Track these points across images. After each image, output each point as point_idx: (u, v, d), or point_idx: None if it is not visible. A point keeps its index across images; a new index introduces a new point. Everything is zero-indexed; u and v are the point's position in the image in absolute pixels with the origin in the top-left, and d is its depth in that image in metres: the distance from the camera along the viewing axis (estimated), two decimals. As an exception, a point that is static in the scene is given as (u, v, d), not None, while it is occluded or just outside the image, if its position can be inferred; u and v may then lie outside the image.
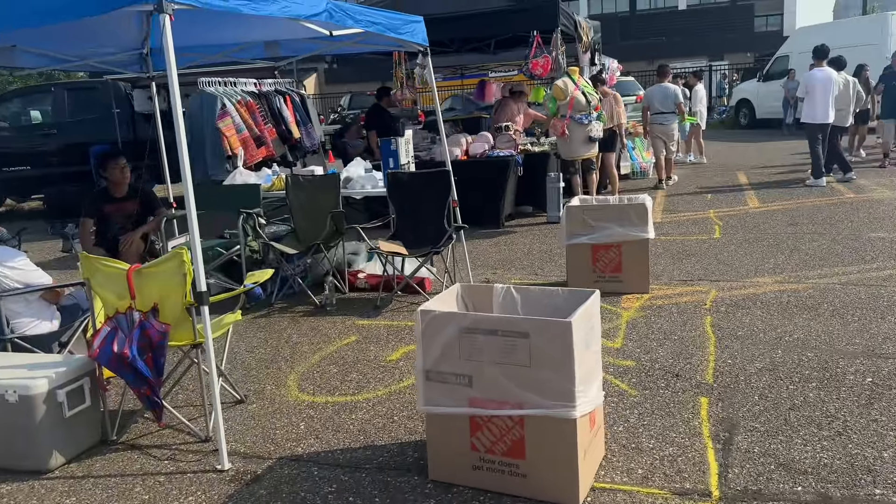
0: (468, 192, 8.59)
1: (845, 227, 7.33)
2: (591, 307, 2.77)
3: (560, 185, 8.57)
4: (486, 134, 9.12)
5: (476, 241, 7.86)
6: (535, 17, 8.27)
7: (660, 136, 10.66)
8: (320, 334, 4.91)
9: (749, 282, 5.57)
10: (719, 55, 41.29)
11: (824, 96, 9.74)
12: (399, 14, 5.00)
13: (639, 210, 5.35)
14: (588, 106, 7.99)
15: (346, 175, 6.12)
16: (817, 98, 9.77)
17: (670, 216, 8.58)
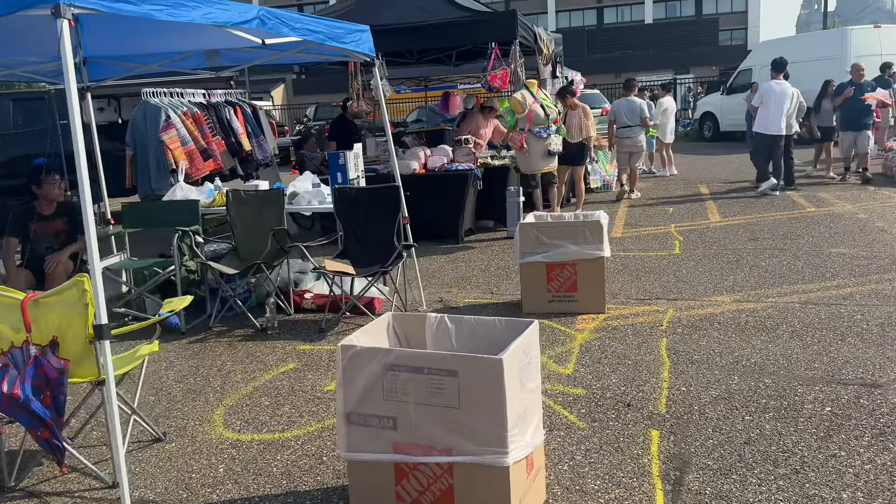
0: (426, 207, 8.39)
1: (806, 242, 7.24)
2: (527, 340, 2.54)
3: (520, 200, 8.38)
4: (444, 147, 8.91)
5: (434, 257, 7.63)
6: (493, 28, 8.09)
7: (626, 149, 10.71)
8: (257, 361, 4.61)
9: (707, 301, 5.40)
10: (685, 68, 41.84)
11: (778, 108, 10.01)
12: (342, 23, 4.76)
13: (594, 227, 5.16)
14: (547, 119, 7.82)
15: (292, 190, 5.85)
16: (772, 109, 10.05)
17: (631, 231, 8.43)
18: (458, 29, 8.13)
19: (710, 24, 52.57)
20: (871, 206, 8.96)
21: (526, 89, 7.87)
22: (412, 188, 8.38)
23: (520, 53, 8.30)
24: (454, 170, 8.43)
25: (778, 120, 10.02)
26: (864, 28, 18.15)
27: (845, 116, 11.10)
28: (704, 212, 9.41)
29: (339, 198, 5.42)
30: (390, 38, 8.32)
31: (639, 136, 10.68)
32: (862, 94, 10.62)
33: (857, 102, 10.76)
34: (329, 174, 5.90)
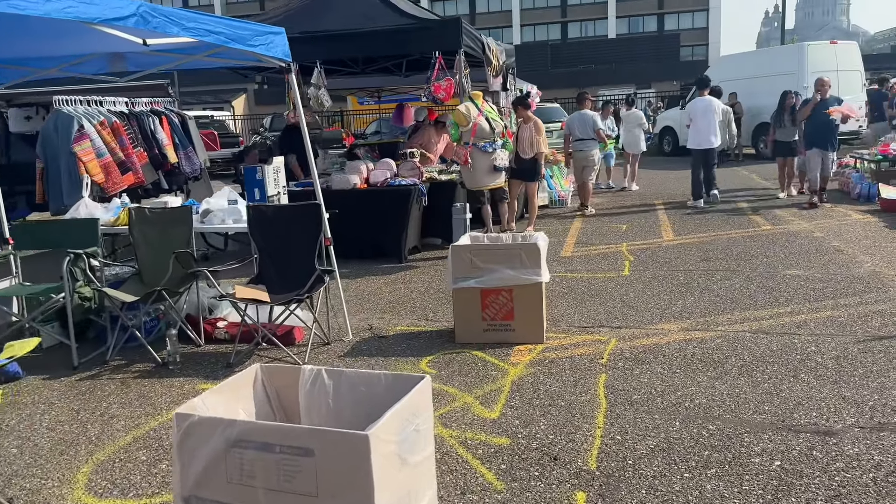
0: (368, 224, 7.92)
1: (760, 262, 6.93)
2: (415, 402, 2.08)
3: (466, 217, 7.96)
4: (388, 161, 8.46)
5: (372, 278, 7.15)
6: (437, 37, 7.68)
7: (580, 163, 10.63)
8: (148, 403, 4.08)
9: (653, 329, 5.02)
10: (647, 83, 42.12)
11: (705, 123, 10.56)
12: (250, 24, 4.29)
13: (531, 251, 4.74)
14: (492, 133, 7.42)
15: (204, 207, 5.33)
16: (699, 125, 10.63)
17: (582, 250, 8.07)
18: (400, 37, 7.70)
19: (671, 40, 53.15)
20: (827, 225, 8.73)
21: (471, 101, 7.47)
22: (353, 204, 7.94)
23: (465, 64, 7.91)
24: (397, 185, 7.99)
25: (707, 134, 10.55)
26: (821, 44, 18.23)
27: (810, 133, 10.10)
28: (658, 229, 9.09)
29: (255, 216, 4.93)
30: (327, 45, 7.88)
31: (592, 149, 10.57)
32: (826, 108, 9.84)
33: (822, 118, 9.85)
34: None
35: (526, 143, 8.60)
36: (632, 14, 63.46)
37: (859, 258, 6.90)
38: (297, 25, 8.14)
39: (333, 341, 5.08)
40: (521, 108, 9.05)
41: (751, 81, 18.28)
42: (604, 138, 10.91)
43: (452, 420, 3.63)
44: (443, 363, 4.50)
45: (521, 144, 8.59)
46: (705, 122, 10.53)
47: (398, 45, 7.82)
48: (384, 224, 7.85)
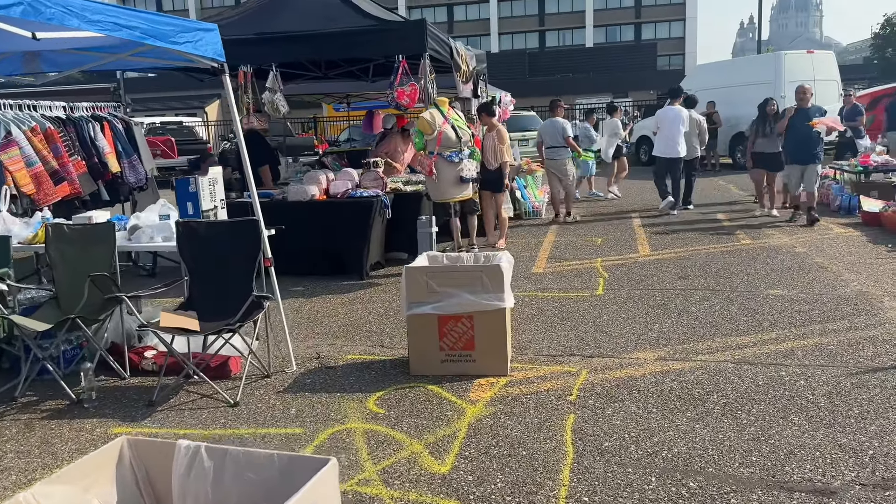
0: (327, 238, 7.43)
1: (741, 281, 6.54)
2: (314, 497, 1.60)
3: (432, 231, 7.49)
4: (349, 171, 7.97)
5: (329, 297, 6.65)
6: (400, 39, 7.22)
7: (553, 171, 10.45)
8: (48, 452, 3.55)
9: (628, 358, 4.58)
10: (624, 92, 42.05)
11: (672, 132, 10.56)
12: (173, 18, 3.79)
13: (493, 273, 4.28)
14: (459, 142, 6.97)
15: (133, 222, 4.81)
16: (666, 133, 10.65)
17: (554, 265, 7.63)
18: (361, 39, 7.23)
19: (648, 49, 53.27)
20: (808, 239, 8.39)
21: (436, 108, 7.01)
22: (310, 216, 7.45)
23: (431, 68, 7.45)
24: (358, 196, 7.50)
25: (674, 143, 10.54)
26: (798, 53, 18.10)
27: (790, 146, 9.35)
28: (634, 243, 8.69)
29: (184, 234, 4.42)
30: (284, 47, 7.39)
31: (563, 157, 10.37)
32: (808, 119, 8.99)
33: (803, 129, 9.01)
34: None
35: (489, 152, 8.16)
36: (609, 23, 63.68)
37: (844, 276, 6.54)
38: (253, 26, 7.66)
39: (275, 373, 4.58)
40: (485, 115, 8.61)
41: (727, 91, 18.06)
42: (574, 146, 10.63)
43: (396, 476, 3.15)
44: (393, 401, 4.02)
45: (485, 154, 8.15)
46: (672, 131, 10.56)
47: (359, 47, 7.35)
48: (344, 238, 7.36)
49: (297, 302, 6.50)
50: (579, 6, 63.41)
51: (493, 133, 8.14)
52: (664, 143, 10.68)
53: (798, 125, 9.11)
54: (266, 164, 8.36)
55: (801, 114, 9.17)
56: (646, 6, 62.55)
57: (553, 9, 64.74)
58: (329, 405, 3.99)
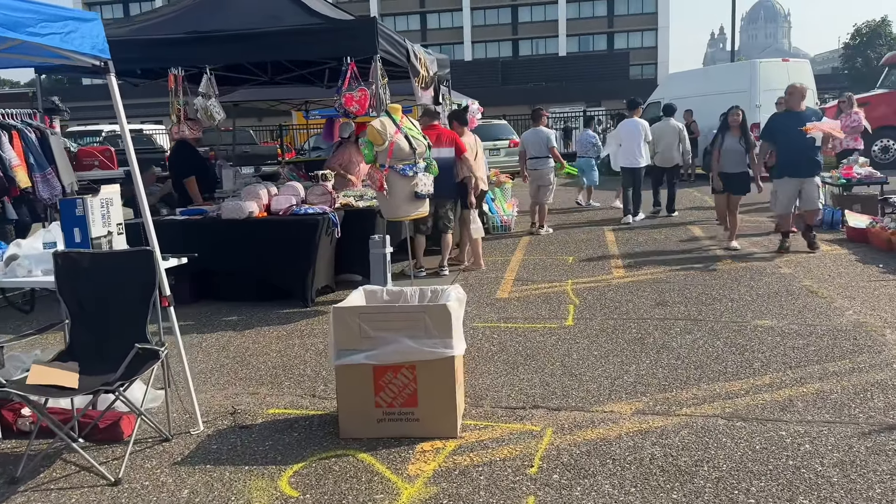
0: (267, 260, 6.65)
1: (724, 308, 5.89)
2: None
3: (385, 251, 6.74)
4: (294, 185, 7.21)
5: (265, 328, 5.88)
6: (348, 39, 6.48)
7: (535, 181, 10.23)
8: None
9: (600, 412, 3.87)
10: (597, 101, 41.77)
11: (633, 144, 10.76)
12: (42, 4, 3.02)
13: (438, 314, 3.55)
14: (413, 154, 6.24)
15: (11, 251, 4.00)
16: (627, 146, 10.87)
17: (521, 288, 6.93)
18: (304, 38, 6.48)
19: (621, 59, 53.25)
20: (793, 258, 7.79)
21: (387, 116, 6.28)
22: (247, 236, 6.67)
23: (383, 72, 6.73)
24: (303, 213, 6.74)
25: (635, 154, 10.76)
26: (773, 61, 17.73)
27: (782, 156, 7.93)
28: (607, 262, 8.03)
29: (64, 267, 3.63)
30: (219, 48, 6.61)
31: (547, 167, 10.14)
32: (801, 123, 7.66)
33: (797, 136, 7.64)
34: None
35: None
36: (582, 32, 63.71)
37: (837, 303, 5.92)
38: (188, 24, 6.86)
39: (177, 435, 3.80)
40: (457, 124, 8.00)
41: (701, 99, 17.59)
42: (558, 156, 10.39)
43: None
44: (313, 479, 3.26)
45: None
46: (633, 142, 10.75)
47: (302, 48, 6.60)
48: (286, 261, 6.59)
49: (226, 336, 5.71)
50: (552, 15, 63.39)
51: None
52: (627, 155, 10.85)
53: (790, 131, 7.74)
54: (192, 176, 7.56)
55: (792, 118, 7.83)
56: (618, 15, 62.70)
57: (526, 17, 64.64)
58: (232, 485, 3.21)
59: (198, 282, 6.98)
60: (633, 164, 10.77)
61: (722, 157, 8.48)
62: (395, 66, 7.91)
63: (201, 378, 4.71)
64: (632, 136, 10.75)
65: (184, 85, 6.98)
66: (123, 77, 8.30)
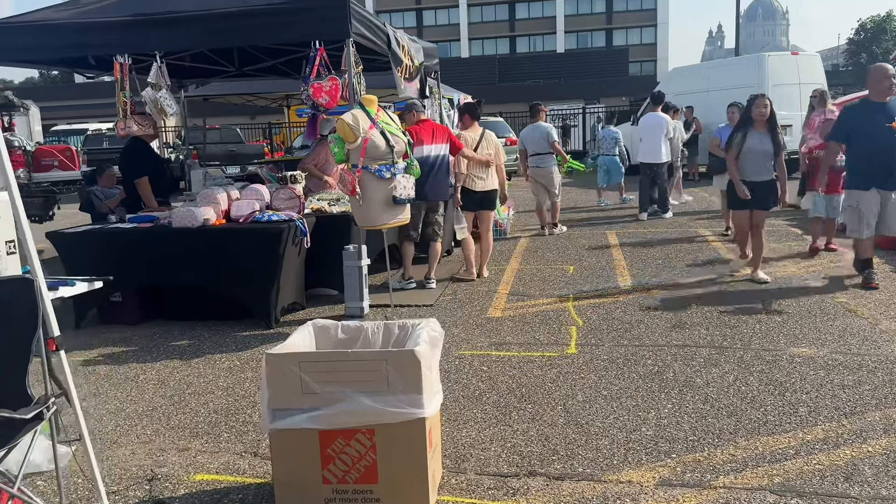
0: (224, 275, 5.79)
1: (752, 331, 5.05)
2: None
3: (361, 264, 5.92)
4: (258, 188, 6.35)
5: (215, 356, 5.04)
6: (316, 21, 5.62)
7: (538, 180, 9.67)
8: None
9: (614, 483, 3.02)
10: (595, 98, 40.92)
11: (655, 139, 10.41)
12: None
13: (403, 364, 2.70)
14: (391, 152, 5.39)
15: None
16: (649, 141, 10.49)
17: (516, 305, 6.09)
18: (266, 21, 5.61)
19: (620, 55, 52.38)
20: (821, 268, 6.95)
21: (361, 109, 5.43)
22: (202, 247, 5.80)
23: (357, 59, 5.89)
24: (266, 220, 5.88)
25: (657, 150, 10.39)
26: (782, 55, 16.89)
27: (863, 162, 6.06)
28: (612, 272, 7.19)
29: (-85, 304, 2.76)
30: (168, 33, 5.74)
31: (549, 164, 9.65)
32: (891, 118, 5.89)
33: (885, 134, 5.87)
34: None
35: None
36: (580, 29, 62.86)
37: (883, 325, 5.09)
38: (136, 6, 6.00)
39: (69, 516, 2.94)
40: (469, 118, 7.45)
41: (705, 95, 16.77)
42: (560, 151, 9.84)
43: None
44: (228, 592, 2.41)
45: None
46: (655, 137, 10.42)
47: (264, 31, 5.73)
48: (246, 275, 5.74)
49: (168, 367, 4.86)
50: (550, 12, 62.55)
51: None
52: (648, 150, 10.47)
53: (875, 128, 5.90)
54: (144, 176, 6.70)
55: (877, 111, 5.96)
56: (617, 12, 61.86)
57: (524, 14, 63.80)
58: None
59: (147, 298, 6.13)
60: (654, 159, 10.39)
61: (742, 160, 6.36)
62: (375, 55, 7.08)
63: (126, 426, 3.87)
64: (653, 130, 10.43)
65: (131, 75, 6.11)
66: (73, 68, 7.45)
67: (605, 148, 12.41)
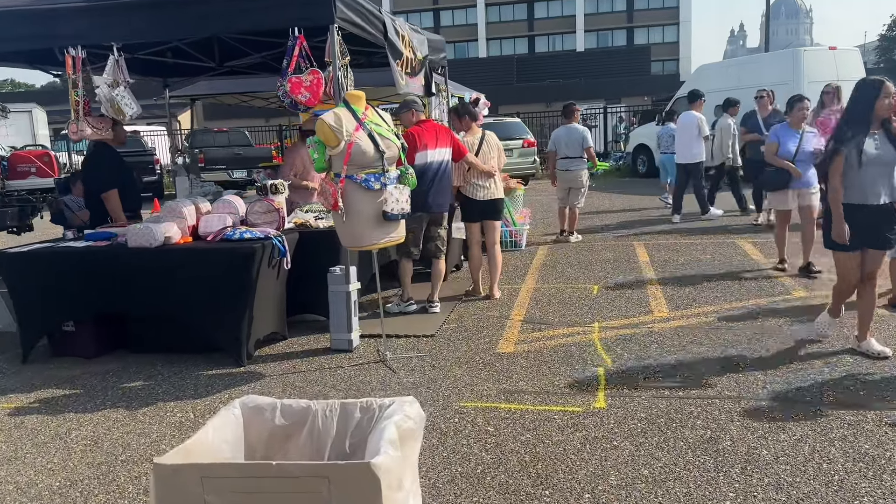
0: (188, 302, 4.93)
1: (825, 380, 4.09)
2: None
3: (349, 289, 5.05)
4: (231, 200, 5.48)
5: (168, 406, 4.18)
6: (291, 6, 4.76)
7: (566, 184, 9.09)
8: None
9: None
10: (616, 98, 39.81)
11: (688, 137, 10.09)
12: None
13: (354, 482, 1.80)
14: (380, 159, 4.49)
15: None
16: (681, 140, 10.23)
17: (531, 336, 5.18)
18: (240, 6, 4.76)
19: (642, 54, 51.14)
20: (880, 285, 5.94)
21: (346, 107, 4.54)
22: (162, 271, 4.95)
23: (344, 49, 5.01)
24: (237, 238, 5.01)
25: (689, 148, 10.08)
26: (818, 50, 15.80)
27: None
28: (644, 294, 6.25)
29: None
30: (129, 21, 4.92)
31: (580, 169, 9.05)
32: None
33: None
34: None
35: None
36: (600, 28, 61.66)
37: None
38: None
39: None
40: (468, 120, 6.51)
41: (736, 93, 15.64)
42: (593, 156, 9.21)
43: None
44: None
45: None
46: (687, 136, 10.09)
47: (235, 18, 4.86)
48: (213, 303, 4.88)
49: (110, 419, 4.02)
50: (570, 11, 61.42)
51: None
52: (681, 149, 10.22)
53: None
54: (113, 189, 5.87)
55: None
56: (638, 10, 60.58)
57: (543, 13, 62.74)
58: None
59: (105, 328, 5.30)
60: (687, 159, 10.08)
61: (863, 174, 4.26)
62: (373, 48, 6.21)
63: (25, 514, 3.01)
64: (685, 129, 10.10)
65: (85, 70, 5.27)
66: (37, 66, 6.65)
67: (665, 145, 11.83)
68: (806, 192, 6.58)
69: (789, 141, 6.54)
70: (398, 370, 4.64)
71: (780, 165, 6.53)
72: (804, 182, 6.53)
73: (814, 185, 6.50)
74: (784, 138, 6.55)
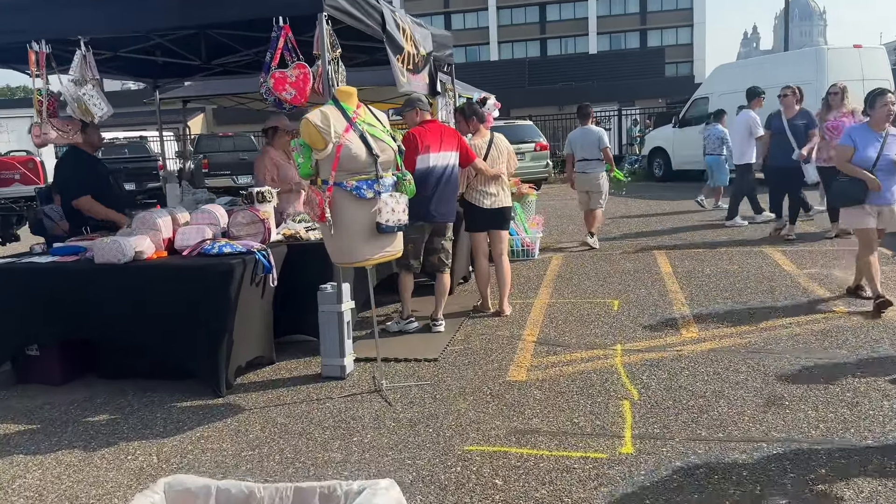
0: (161, 325, 4.41)
1: (886, 418, 3.51)
2: None
3: (342, 309, 4.51)
4: (212, 211, 4.95)
5: (132, 447, 3.66)
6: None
7: (584, 187, 8.82)
8: None
9: None
10: (630, 101, 39.13)
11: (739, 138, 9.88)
12: None
13: None
14: (373, 163, 3.96)
15: None
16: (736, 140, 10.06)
17: (546, 361, 4.62)
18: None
19: (655, 56, 50.40)
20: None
21: (334, 105, 4.01)
22: (132, 289, 4.39)
23: (334, 40, 4.48)
24: (216, 253, 4.49)
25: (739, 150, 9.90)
26: (843, 48, 15.12)
27: None
28: (669, 312, 5.67)
29: None
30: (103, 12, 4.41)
31: (598, 171, 8.75)
32: None
33: None
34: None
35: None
36: (613, 30, 61.02)
37: None
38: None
39: None
40: (476, 121, 5.98)
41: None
42: (610, 158, 8.85)
43: None
44: None
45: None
46: (739, 137, 9.82)
47: (209, 7, 4.35)
48: (188, 325, 4.35)
49: (62, 464, 3.50)
50: (582, 13, 60.84)
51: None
52: (737, 150, 10.00)
53: None
54: (85, 195, 5.36)
55: None
56: (651, 12, 59.91)
57: (555, 16, 62.19)
58: None
59: (72, 353, 4.79)
60: (738, 160, 9.88)
61: None
62: (371, 42, 5.69)
63: None
64: (737, 129, 9.91)
65: (51, 68, 4.78)
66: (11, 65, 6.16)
67: (711, 147, 11.39)
68: (888, 209, 5.33)
69: (869, 145, 5.27)
70: (395, 402, 4.10)
71: (854, 175, 5.32)
72: (884, 197, 5.30)
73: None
74: (862, 142, 5.31)
